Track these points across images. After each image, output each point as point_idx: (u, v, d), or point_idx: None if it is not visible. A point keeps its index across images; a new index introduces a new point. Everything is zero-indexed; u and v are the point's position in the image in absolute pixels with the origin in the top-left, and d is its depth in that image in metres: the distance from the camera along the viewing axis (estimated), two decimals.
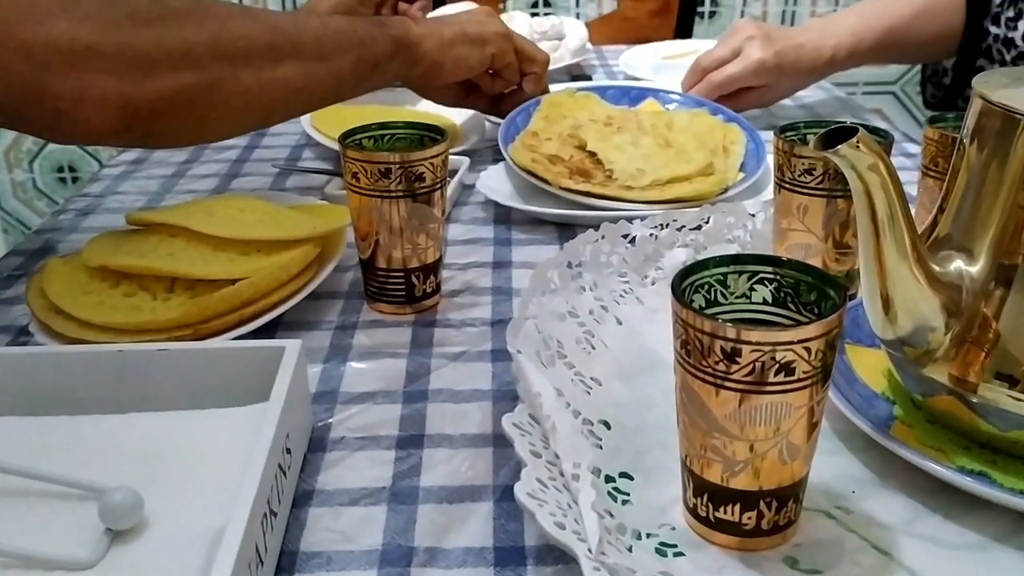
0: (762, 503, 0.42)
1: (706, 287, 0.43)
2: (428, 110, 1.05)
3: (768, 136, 0.75)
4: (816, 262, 0.60)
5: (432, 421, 0.55)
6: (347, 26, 0.76)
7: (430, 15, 1.32)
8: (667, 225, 0.69)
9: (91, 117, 0.60)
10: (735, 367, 0.38)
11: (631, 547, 0.42)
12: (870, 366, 0.53)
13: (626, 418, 0.51)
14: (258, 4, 2.36)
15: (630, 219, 0.68)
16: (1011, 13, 1.05)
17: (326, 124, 0.99)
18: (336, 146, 0.95)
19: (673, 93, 1.10)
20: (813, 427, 0.41)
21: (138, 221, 0.69)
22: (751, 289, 0.44)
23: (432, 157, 0.63)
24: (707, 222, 0.70)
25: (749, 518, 0.42)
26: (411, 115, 1.04)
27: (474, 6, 1.34)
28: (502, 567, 0.44)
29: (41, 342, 0.60)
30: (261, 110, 0.71)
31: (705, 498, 0.42)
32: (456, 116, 1.04)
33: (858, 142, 0.42)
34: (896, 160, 0.76)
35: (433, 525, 0.47)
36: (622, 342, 0.58)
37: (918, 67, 2.51)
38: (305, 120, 1.01)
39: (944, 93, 1.20)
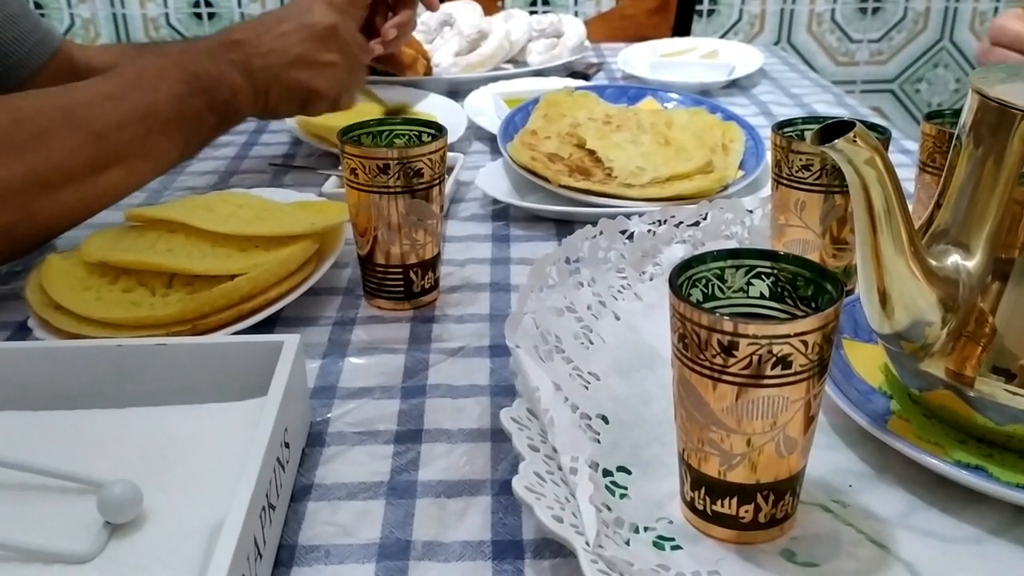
0: (759, 496, 0.42)
1: (704, 281, 0.44)
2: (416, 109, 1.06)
3: (767, 133, 0.75)
4: (813, 258, 0.60)
5: (430, 416, 0.55)
6: (175, 108, 0.72)
7: (428, 14, 1.32)
8: (665, 221, 0.69)
9: None
10: (732, 360, 0.38)
11: (629, 540, 0.42)
12: (867, 361, 0.54)
13: (624, 413, 0.51)
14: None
15: (628, 215, 0.68)
16: None
17: (313, 123, 0.99)
18: (323, 144, 0.96)
19: (671, 92, 1.10)
20: (810, 421, 0.41)
21: (137, 217, 0.69)
22: (748, 283, 0.44)
23: (430, 153, 0.63)
24: (705, 218, 0.70)
25: (746, 511, 0.42)
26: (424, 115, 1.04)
27: (476, 6, 1.34)
28: (500, 560, 0.44)
29: (40, 337, 0.60)
30: (86, 216, 0.70)
31: (702, 491, 0.43)
32: (439, 113, 1.04)
33: (855, 137, 0.42)
34: (894, 157, 0.76)
35: (431, 519, 0.47)
36: (620, 337, 0.58)
37: (916, 66, 2.51)
38: (290, 119, 1.01)
39: None
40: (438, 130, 0.66)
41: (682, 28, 1.77)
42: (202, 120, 0.75)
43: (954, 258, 0.46)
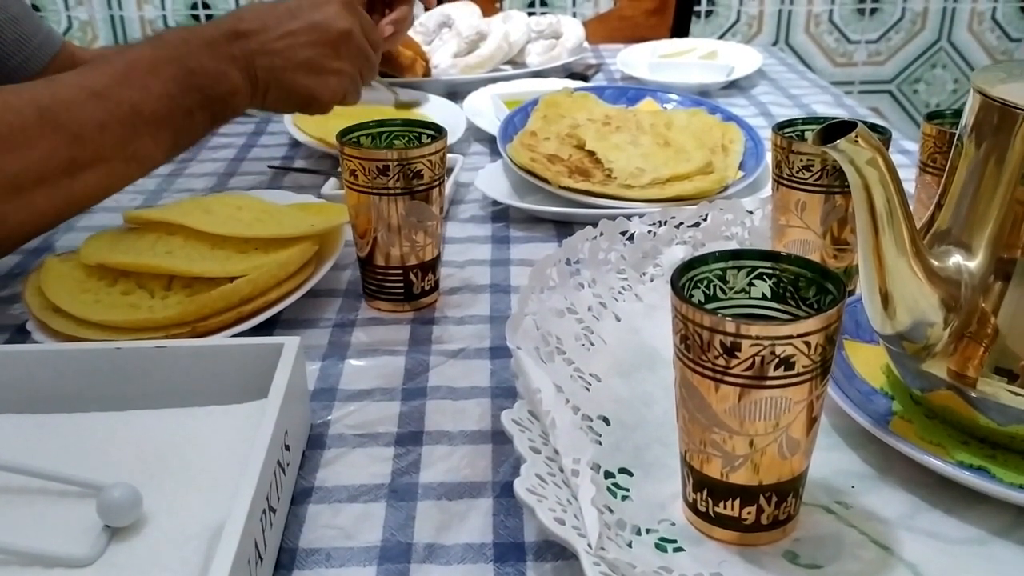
0: (762, 498, 0.42)
1: (705, 282, 0.43)
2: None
3: (766, 134, 0.75)
4: (814, 259, 0.60)
5: (431, 418, 0.55)
6: (164, 107, 0.68)
7: (426, 14, 1.32)
8: (665, 222, 0.69)
9: None
10: (735, 362, 0.38)
11: (631, 542, 0.42)
12: (869, 362, 0.53)
13: (625, 414, 0.51)
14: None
15: (628, 216, 0.68)
16: None
17: (310, 125, 0.99)
18: (325, 147, 0.96)
19: (671, 92, 1.10)
20: (813, 422, 0.41)
21: (136, 219, 0.68)
22: (750, 284, 0.44)
23: (430, 154, 0.63)
24: (705, 219, 0.70)
25: (749, 513, 0.42)
26: (391, 114, 1.04)
27: (474, 7, 1.34)
28: (502, 563, 0.44)
29: (39, 340, 0.60)
30: (59, 220, 0.66)
31: (705, 493, 0.42)
32: (438, 115, 1.04)
33: (857, 137, 0.42)
34: (893, 157, 0.76)
35: (432, 521, 0.46)
36: (621, 338, 0.58)
37: (914, 67, 2.52)
38: (287, 120, 1.01)
39: None
40: (438, 131, 0.66)
41: (680, 29, 1.77)
42: (193, 119, 0.71)
43: (956, 258, 0.46)
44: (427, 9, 1.10)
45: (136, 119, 0.67)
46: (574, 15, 2.21)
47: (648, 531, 0.43)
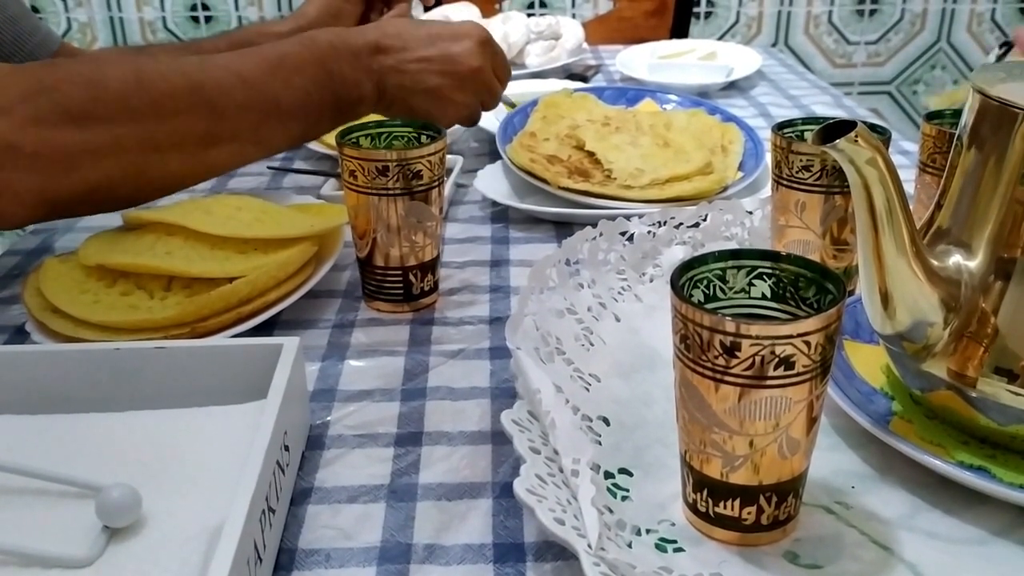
0: (762, 498, 0.42)
1: (705, 282, 0.43)
2: None
3: (766, 135, 0.75)
4: (814, 259, 0.60)
5: (430, 418, 0.55)
6: (300, 102, 0.72)
7: (426, 16, 1.32)
8: (665, 223, 0.69)
9: (7, 211, 0.59)
10: (735, 361, 0.38)
11: (631, 543, 0.42)
12: (868, 362, 0.53)
13: (625, 414, 0.51)
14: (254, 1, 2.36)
15: (628, 217, 0.68)
16: None
17: None
18: (324, 148, 0.96)
19: (670, 93, 1.10)
20: (813, 422, 0.41)
21: (135, 220, 0.68)
22: (750, 284, 0.44)
23: (430, 155, 0.63)
24: (705, 219, 0.70)
25: (749, 513, 0.42)
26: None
27: (473, 8, 1.34)
28: (501, 563, 0.44)
29: (38, 341, 0.60)
30: (190, 184, 0.70)
31: (705, 493, 0.42)
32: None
33: (856, 136, 0.42)
34: (893, 158, 0.76)
35: (432, 522, 0.46)
36: (621, 339, 0.58)
37: (914, 68, 2.52)
38: None
39: None
40: (437, 132, 0.66)
41: (680, 30, 1.77)
42: (322, 116, 0.75)
43: (956, 258, 0.46)
44: (426, 8, 1.10)
45: (274, 109, 0.71)
46: (573, 16, 2.21)
47: (648, 531, 0.43)
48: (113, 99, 0.62)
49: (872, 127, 0.61)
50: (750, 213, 0.72)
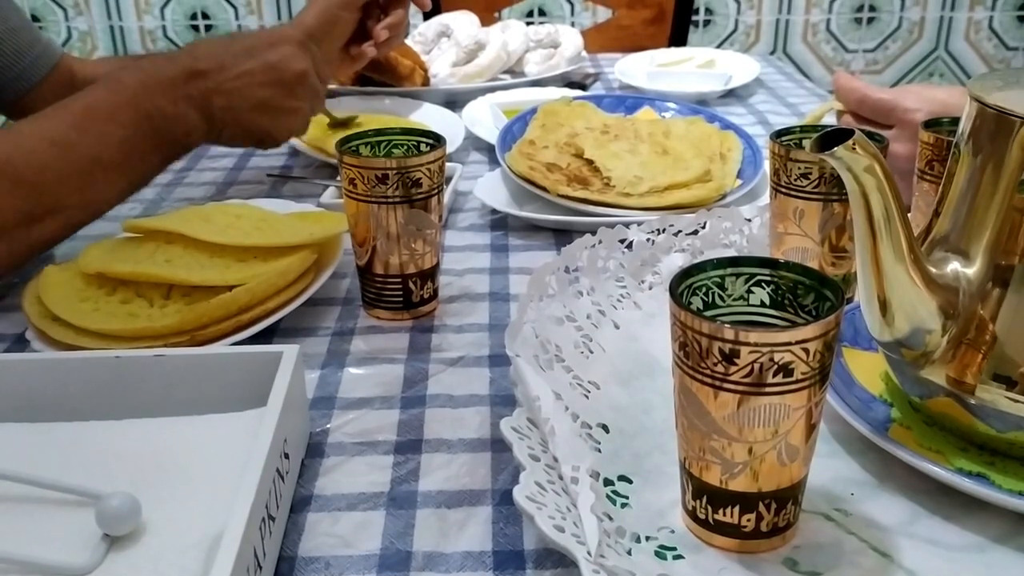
0: (761, 505, 0.42)
1: (704, 289, 0.43)
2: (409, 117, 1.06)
3: (764, 143, 0.75)
4: (812, 266, 0.60)
5: (430, 426, 0.55)
6: (122, 153, 0.69)
7: (425, 24, 1.33)
8: (664, 230, 0.69)
9: None
10: (734, 368, 0.38)
11: (630, 550, 0.42)
12: (867, 369, 0.53)
13: (624, 422, 0.51)
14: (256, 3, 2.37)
15: (627, 224, 0.68)
16: None
17: (309, 134, 0.99)
18: (323, 156, 0.96)
19: (669, 101, 1.10)
20: (812, 429, 0.41)
21: (134, 228, 0.68)
22: (749, 291, 0.44)
23: (429, 163, 0.63)
24: (703, 227, 0.70)
25: (748, 520, 0.42)
26: (393, 122, 1.04)
27: (472, 16, 1.35)
28: (501, 571, 0.44)
29: (38, 349, 0.60)
30: (16, 267, 0.68)
31: (704, 500, 0.42)
32: (436, 124, 1.04)
33: (854, 144, 0.42)
34: None
35: (432, 530, 0.46)
36: (620, 346, 0.58)
37: (911, 76, 2.53)
38: None
39: None
40: (436, 140, 0.66)
41: (678, 38, 1.78)
42: (148, 162, 0.73)
43: (954, 265, 0.46)
44: (424, 14, 1.10)
45: (94, 167, 0.68)
46: (572, 24, 2.22)
47: (647, 538, 0.43)
48: None
49: (870, 135, 0.61)
50: (749, 221, 0.72)
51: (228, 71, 0.75)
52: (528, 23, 1.43)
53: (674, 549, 0.43)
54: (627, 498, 0.46)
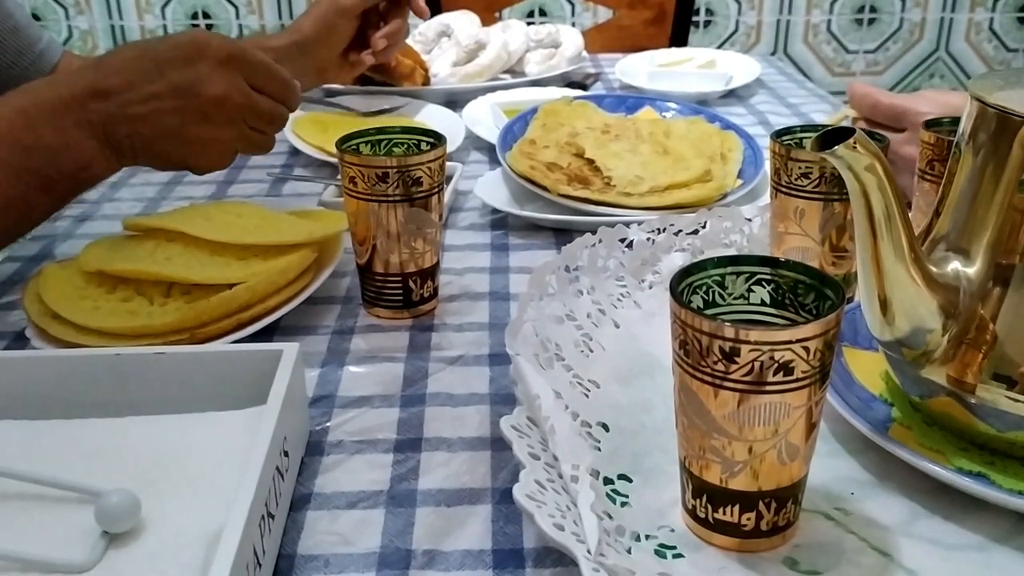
0: (761, 504, 0.42)
1: (704, 288, 0.43)
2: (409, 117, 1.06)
3: (765, 143, 0.75)
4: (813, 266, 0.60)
5: (430, 424, 0.55)
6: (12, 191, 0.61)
7: (425, 24, 1.33)
8: (664, 230, 0.69)
9: None
10: (734, 367, 0.38)
11: (630, 549, 0.42)
12: (867, 369, 0.53)
13: (624, 420, 0.51)
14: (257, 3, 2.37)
15: (627, 224, 0.68)
16: None
17: (309, 133, 0.99)
18: (324, 155, 0.96)
19: (670, 101, 1.10)
20: (812, 428, 0.41)
21: (135, 226, 0.68)
22: (749, 290, 0.44)
23: (429, 162, 0.63)
24: (704, 227, 0.70)
25: (748, 519, 0.42)
26: (391, 122, 1.04)
27: (473, 16, 1.35)
28: (501, 569, 0.44)
29: (38, 347, 0.60)
30: None
31: (704, 499, 0.42)
32: (437, 123, 1.04)
33: (855, 143, 0.42)
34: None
35: (431, 528, 0.46)
36: (620, 345, 0.58)
37: (912, 77, 2.53)
38: (287, 128, 1.01)
39: None
40: (437, 139, 0.66)
41: (679, 39, 1.78)
42: (31, 203, 0.63)
43: (954, 265, 0.46)
44: (421, 18, 1.10)
45: None
46: (573, 24, 2.22)
47: (647, 537, 0.43)
48: None
49: (871, 134, 0.62)
50: (749, 220, 0.72)
51: (134, 91, 0.64)
52: (529, 23, 1.42)
53: (674, 548, 0.43)
54: (627, 497, 0.46)
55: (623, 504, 0.45)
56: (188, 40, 0.66)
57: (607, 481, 0.47)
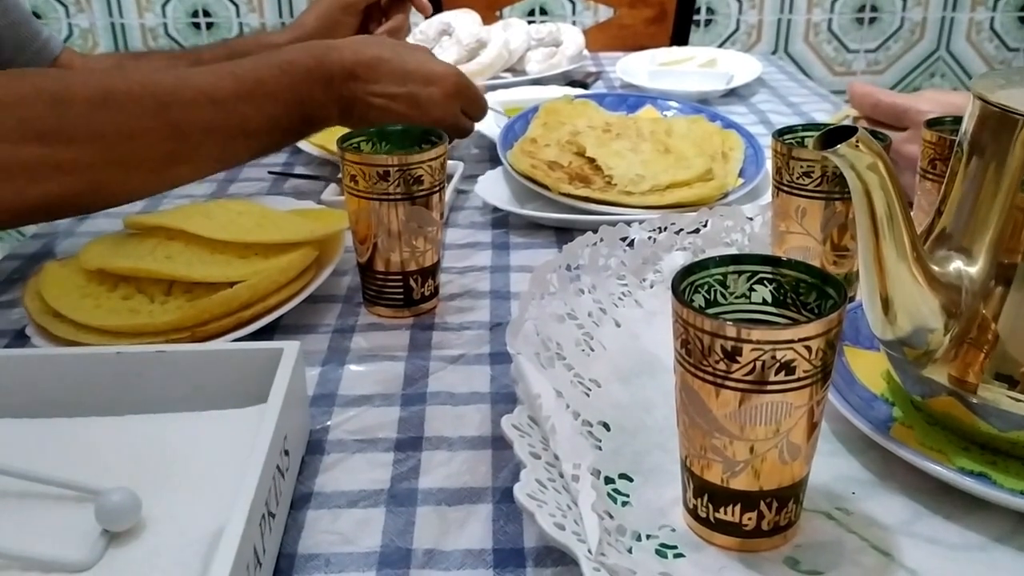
0: (762, 504, 0.42)
1: (706, 287, 0.43)
2: None
3: (766, 142, 0.75)
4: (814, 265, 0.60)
5: (430, 423, 0.55)
6: (267, 127, 0.74)
7: (426, 22, 1.33)
8: (665, 228, 0.69)
9: None
10: (735, 366, 0.38)
11: (631, 548, 0.42)
12: (869, 368, 0.53)
13: (625, 420, 0.51)
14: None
15: (628, 222, 0.68)
16: None
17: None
18: (325, 153, 0.96)
19: (671, 100, 1.10)
20: (813, 427, 0.41)
21: (135, 224, 0.68)
22: (751, 289, 0.44)
23: (430, 160, 0.63)
24: (705, 225, 0.70)
25: (749, 519, 0.42)
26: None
27: (474, 15, 1.35)
28: (502, 569, 0.44)
29: (38, 345, 0.60)
30: (145, 197, 0.75)
31: (705, 499, 0.42)
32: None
33: (857, 142, 0.42)
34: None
35: (432, 527, 0.46)
36: (621, 344, 0.58)
37: (913, 76, 2.53)
38: None
39: None
40: (438, 137, 0.66)
41: (680, 37, 1.78)
42: (285, 137, 0.78)
43: (956, 264, 0.46)
44: (426, 17, 1.10)
45: (240, 131, 0.72)
46: (574, 23, 2.22)
47: (648, 537, 0.43)
48: (78, 117, 0.63)
49: (873, 133, 0.61)
50: (751, 219, 0.72)
51: (379, 85, 0.79)
52: (530, 21, 1.42)
53: (675, 548, 0.43)
54: (628, 496, 0.46)
55: (624, 504, 0.45)
56: (434, 65, 0.83)
57: (608, 480, 0.47)
